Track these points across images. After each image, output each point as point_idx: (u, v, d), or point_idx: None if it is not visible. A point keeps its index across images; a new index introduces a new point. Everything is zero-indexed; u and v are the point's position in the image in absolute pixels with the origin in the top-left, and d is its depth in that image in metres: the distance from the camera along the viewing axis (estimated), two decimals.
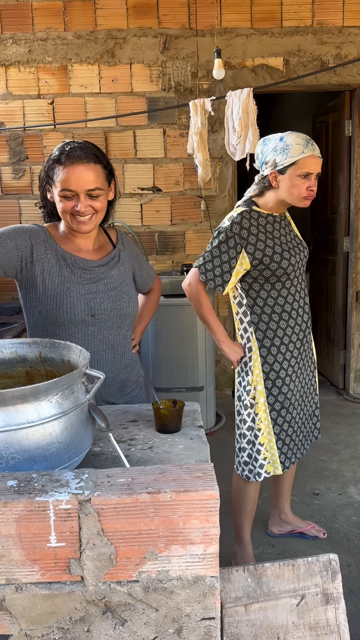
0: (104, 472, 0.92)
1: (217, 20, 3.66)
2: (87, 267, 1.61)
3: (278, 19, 3.70)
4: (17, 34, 3.68)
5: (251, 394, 2.07)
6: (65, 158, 1.49)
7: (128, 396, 1.71)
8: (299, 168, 1.95)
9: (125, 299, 1.65)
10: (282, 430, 2.09)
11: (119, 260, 1.69)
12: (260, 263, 1.98)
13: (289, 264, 2.01)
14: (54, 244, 1.60)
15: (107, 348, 1.64)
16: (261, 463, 2.08)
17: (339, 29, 3.72)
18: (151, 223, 3.93)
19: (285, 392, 2.07)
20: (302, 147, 1.94)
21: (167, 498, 0.85)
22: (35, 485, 0.87)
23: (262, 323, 2.04)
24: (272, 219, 2.06)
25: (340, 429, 3.62)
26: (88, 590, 0.87)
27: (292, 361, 2.09)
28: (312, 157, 1.95)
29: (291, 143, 1.95)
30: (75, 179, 1.49)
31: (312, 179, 1.98)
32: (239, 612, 0.99)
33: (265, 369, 2.05)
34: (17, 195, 3.84)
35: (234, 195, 3.93)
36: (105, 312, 1.61)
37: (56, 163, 1.51)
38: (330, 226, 4.37)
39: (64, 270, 1.58)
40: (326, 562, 1.02)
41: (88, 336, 1.60)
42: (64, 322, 1.57)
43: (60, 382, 0.99)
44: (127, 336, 1.70)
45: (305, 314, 2.14)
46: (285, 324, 2.06)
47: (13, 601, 0.87)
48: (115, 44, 3.70)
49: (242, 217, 1.98)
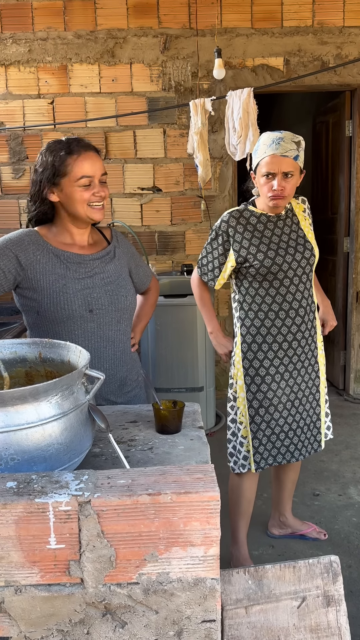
0: (104, 473, 0.91)
1: (217, 20, 3.65)
2: (81, 260, 1.61)
3: (278, 19, 3.70)
4: (17, 34, 3.67)
5: (234, 388, 2.13)
6: (76, 148, 1.54)
7: (128, 395, 1.71)
8: (261, 167, 1.98)
9: (123, 293, 1.66)
10: (259, 429, 2.08)
11: (114, 256, 1.70)
12: (245, 261, 2.02)
13: (273, 263, 2.00)
14: (44, 243, 1.60)
15: (107, 345, 1.64)
16: (245, 455, 2.11)
17: (339, 29, 3.71)
18: (151, 223, 3.92)
19: (264, 390, 2.07)
20: (265, 147, 1.95)
21: (167, 500, 0.84)
22: (34, 487, 0.87)
23: (248, 319, 2.08)
24: (266, 218, 2.06)
25: (340, 430, 3.61)
26: (88, 593, 0.86)
27: (276, 362, 2.06)
28: (273, 157, 1.93)
29: (260, 143, 2.00)
30: (89, 164, 1.54)
31: (277, 178, 1.94)
32: (239, 614, 0.98)
33: (245, 364, 2.08)
34: (17, 195, 3.84)
35: (234, 195, 3.93)
36: (103, 307, 1.61)
37: (67, 155, 1.53)
38: (330, 226, 4.37)
39: (57, 267, 1.58)
40: (327, 564, 1.01)
41: (88, 333, 1.60)
42: (62, 319, 1.57)
43: (60, 382, 0.98)
44: (126, 332, 1.70)
45: (298, 317, 2.07)
46: (271, 323, 2.05)
47: (12, 603, 0.86)
48: (116, 43, 3.69)
49: (230, 216, 2.05)
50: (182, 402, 1.31)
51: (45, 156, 1.56)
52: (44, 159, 1.56)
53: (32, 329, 1.64)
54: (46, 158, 1.56)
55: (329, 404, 2.32)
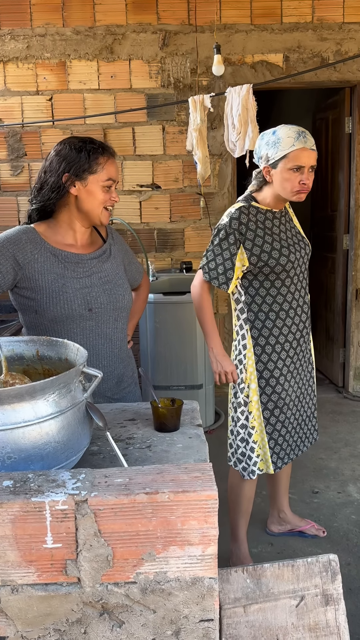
0: (101, 472, 0.90)
1: (216, 16, 3.63)
2: (79, 260, 1.62)
3: (278, 15, 3.68)
4: (15, 30, 3.65)
5: (245, 392, 2.05)
6: (108, 150, 1.61)
7: (124, 391, 1.71)
8: (289, 161, 1.91)
9: (121, 292, 1.67)
10: (274, 430, 2.07)
11: (111, 254, 1.71)
12: (259, 260, 1.96)
13: (288, 261, 1.99)
14: (42, 241, 1.60)
15: (105, 342, 1.64)
16: (255, 461, 2.07)
17: (339, 25, 3.70)
18: (150, 220, 3.91)
19: (279, 391, 2.05)
20: (292, 140, 1.90)
21: (165, 499, 0.84)
22: (31, 486, 0.86)
23: (258, 321, 2.03)
24: (272, 215, 2.04)
25: (339, 427, 3.61)
26: (85, 592, 0.86)
27: (288, 361, 2.07)
28: (303, 150, 1.90)
29: (282, 136, 1.92)
30: (115, 170, 1.62)
31: (304, 172, 1.92)
32: (237, 614, 0.98)
33: (259, 367, 2.03)
34: (16, 192, 3.82)
35: (233, 193, 3.92)
36: (102, 306, 1.61)
37: (99, 155, 1.58)
38: (330, 224, 4.36)
39: (55, 267, 1.58)
40: (326, 563, 1.01)
41: (86, 331, 1.60)
42: (61, 319, 1.57)
43: (57, 380, 0.98)
44: (123, 329, 1.71)
45: (303, 314, 2.11)
46: (282, 322, 2.04)
47: (9, 603, 0.85)
48: (114, 39, 3.68)
49: (240, 213, 1.96)
50: (181, 400, 1.30)
51: (72, 148, 1.57)
52: (70, 150, 1.57)
53: (30, 328, 1.63)
54: (73, 150, 1.57)
55: (329, 402, 2.32)
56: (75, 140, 1.60)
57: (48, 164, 1.60)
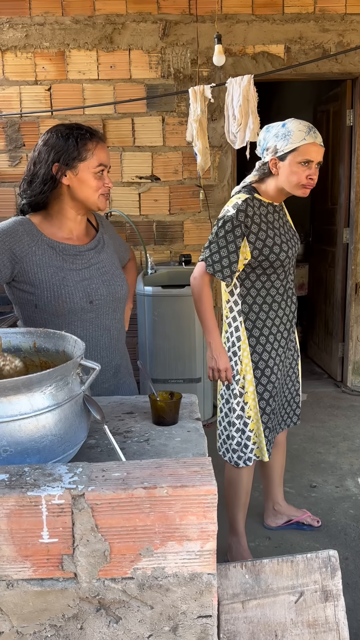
0: (99, 466, 0.89)
1: (217, 6, 3.59)
2: (77, 252, 1.60)
3: (280, 5, 3.64)
4: (13, 18, 3.61)
5: (240, 383, 2.07)
6: (94, 135, 1.55)
7: (120, 382, 1.71)
8: (299, 155, 1.92)
9: (119, 282, 1.66)
10: (269, 418, 2.11)
11: (105, 243, 1.70)
12: (261, 254, 1.95)
13: (286, 256, 2.01)
14: (39, 233, 1.57)
15: (104, 333, 1.63)
16: (251, 448, 2.10)
17: (341, 16, 3.66)
18: (149, 212, 3.88)
19: (273, 380, 2.09)
20: (303, 134, 1.91)
21: (163, 493, 0.82)
22: (27, 480, 0.85)
23: (252, 313, 2.04)
24: (272, 208, 2.03)
25: (337, 422, 3.60)
26: (81, 587, 0.84)
27: (279, 350, 2.11)
28: (314, 145, 1.92)
29: (293, 129, 1.92)
30: (105, 154, 1.57)
31: (312, 167, 1.94)
32: (236, 609, 0.97)
33: (254, 358, 2.05)
34: (14, 183, 3.79)
35: (233, 185, 3.89)
36: (102, 297, 1.60)
37: (89, 140, 1.53)
38: (330, 217, 4.33)
39: (54, 260, 1.56)
40: (325, 559, 1.00)
41: (86, 323, 1.59)
42: (63, 312, 1.55)
43: (54, 373, 0.96)
44: (120, 320, 1.71)
45: (292, 304, 2.15)
46: (274, 314, 2.06)
47: (4, 598, 0.84)
48: (114, 29, 3.63)
49: (247, 205, 1.95)
50: (179, 393, 1.29)
51: (59, 137, 1.53)
52: (57, 139, 1.53)
53: (28, 323, 1.60)
54: (60, 138, 1.52)
55: (327, 396, 2.33)
56: (62, 128, 1.56)
57: (37, 154, 1.56)
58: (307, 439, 3.34)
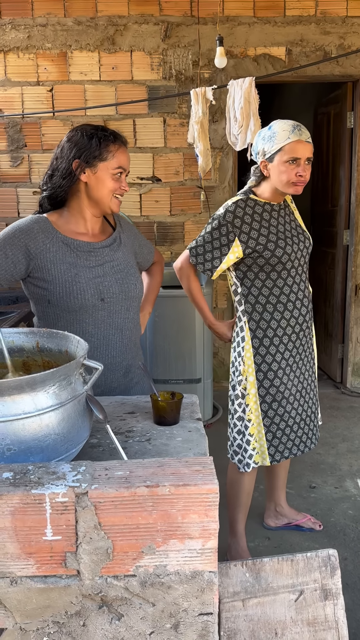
0: (102, 464, 0.90)
1: (219, 8, 3.60)
2: (91, 249, 1.62)
3: (281, 8, 3.65)
4: (16, 19, 3.62)
5: (242, 385, 2.07)
6: (117, 138, 1.60)
7: (131, 382, 1.71)
8: (285, 154, 1.94)
9: (133, 281, 1.67)
10: (272, 422, 2.08)
11: (121, 242, 1.71)
12: (254, 251, 1.98)
13: (284, 252, 2.00)
14: (54, 231, 1.60)
15: (116, 332, 1.64)
16: (250, 453, 2.08)
17: (342, 19, 3.67)
18: (150, 213, 3.89)
19: (277, 385, 2.06)
20: (287, 133, 1.93)
21: (165, 492, 0.83)
22: (31, 478, 0.86)
23: (256, 313, 2.04)
24: (270, 207, 2.05)
25: (337, 423, 3.61)
26: (84, 585, 0.85)
27: (287, 354, 2.07)
28: (299, 142, 1.93)
29: (277, 130, 1.95)
30: (126, 159, 1.62)
31: (301, 164, 1.95)
32: (236, 607, 0.98)
33: (257, 360, 2.04)
34: (15, 183, 3.80)
35: (234, 186, 3.90)
36: (114, 295, 1.62)
37: (112, 142, 1.58)
38: (330, 219, 4.34)
39: (68, 256, 1.58)
40: (325, 558, 1.01)
41: (98, 321, 1.60)
42: (74, 309, 1.57)
43: (57, 372, 0.97)
44: (134, 319, 1.71)
45: (303, 307, 2.12)
46: (280, 315, 2.05)
47: (8, 595, 0.85)
48: (116, 30, 3.65)
49: (236, 206, 1.99)
50: (180, 393, 1.30)
51: (83, 135, 1.57)
52: (81, 137, 1.57)
53: (41, 318, 1.64)
54: (84, 137, 1.57)
55: (327, 397, 2.33)
56: (88, 128, 1.60)
57: (59, 150, 1.60)
58: None
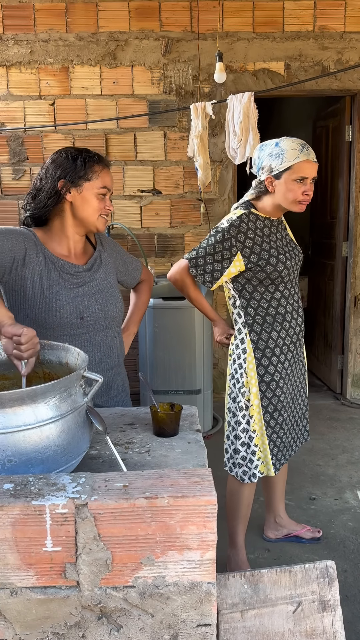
0: (101, 476, 0.91)
1: (218, 24, 3.66)
2: (74, 272, 1.64)
3: (280, 24, 3.71)
4: (18, 35, 3.68)
5: (246, 396, 2.08)
6: (101, 160, 1.64)
7: (114, 400, 1.72)
8: (294, 173, 1.96)
9: (112, 301, 1.70)
10: (273, 432, 2.10)
11: (102, 263, 1.73)
12: (256, 266, 2.00)
13: (284, 267, 2.04)
14: (43, 247, 1.62)
15: (93, 349, 1.66)
16: (256, 464, 2.09)
17: (340, 34, 3.72)
18: (150, 225, 3.92)
19: (278, 394, 2.09)
20: (297, 152, 1.96)
21: (164, 503, 0.84)
22: (31, 489, 0.87)
23: (257, 325, 2.07)
24: (270, 222, 2.08)
25: (337, 434, 3.61)
26: (84, 596, 0.86)
27: (286, 364, 2.12)
28: (307, 162, 1.97)
29: (286, 148, 1.97)
30: (110, 179, 1.66)
31: (307, 183, 1.99)
32: (235, 619, 0.98)
33: (260, 371, 2.06)
34: (17, 195, 3.84)
35: (233, 199, 3.93)
36: (94, 315, 1.64)
37: (95, 163, 1.62)
38: (329, 231, 4.37)
39: (52, 273, 1.60)
40: (323, 569, 1.01)
41: (75, 337, 1.62)
42: (52, 325, 1.58)
43: (58, 384, 0.98)
44: (113, 337, 1.73)
45: (299, 317, 2.17)
46: (280, 326, 2.09)
47: (8, 605, 0.86)
48: (117, 46, 3.70)
49: (240, 221, 2.00)
50: (180, 405, 1.31)
51: (67, 156, 1.60)
52: (66, 158, 1.60)
53: None
54: (69, 158, 1.60)
55: (327, 409, 2.34)
56: (72, 150, 1.64)
57: (44, 171, 1.63)
58: (307, 451, 3.35)
